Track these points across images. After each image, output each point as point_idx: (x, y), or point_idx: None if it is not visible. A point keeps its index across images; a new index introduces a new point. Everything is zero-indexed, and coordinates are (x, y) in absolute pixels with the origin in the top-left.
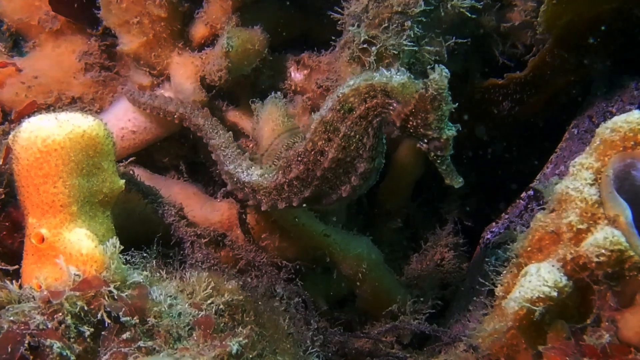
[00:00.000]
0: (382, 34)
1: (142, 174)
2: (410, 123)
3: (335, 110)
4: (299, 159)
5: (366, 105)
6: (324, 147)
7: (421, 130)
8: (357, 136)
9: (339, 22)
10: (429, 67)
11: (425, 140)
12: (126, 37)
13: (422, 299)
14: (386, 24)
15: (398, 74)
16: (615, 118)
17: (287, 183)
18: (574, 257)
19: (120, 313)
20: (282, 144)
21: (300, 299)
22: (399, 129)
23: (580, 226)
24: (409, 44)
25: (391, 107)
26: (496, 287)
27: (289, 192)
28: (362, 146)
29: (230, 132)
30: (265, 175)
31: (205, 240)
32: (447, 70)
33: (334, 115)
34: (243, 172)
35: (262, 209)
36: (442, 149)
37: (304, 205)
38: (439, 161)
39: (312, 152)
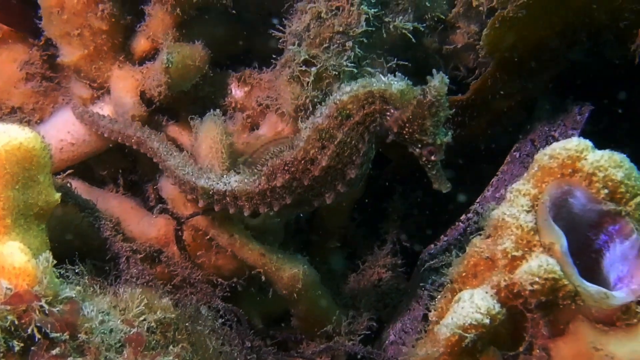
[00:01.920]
0: (322, 54)
1: (80, 187)
2: (407, 129)
3: (332, 118)
4: (286, 168)
5: (364, 112)
6: (317, 155)
7: (417, 135)
8: (353, 142)
9: (281, 40)
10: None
11: (419, 146)
12: (67, 49)
13: (358, 319)
14: (327, 44)
15: (396, 80)
16: (554, 145)
17: (270, 189)
18: (508, 284)
19: (50, 328)
20: (266, 152)
21: (234, 317)
22: (395, 135)
23: (515, 253)
24: (350, 64)
25: (388, 113)
26: (430, 311)
27: (271, 198)
28: (355, 152)
29: (185, 151)
30: (245, 181)
31: (141, 255)
32: (446, 76)
33: (330, 122)
34: (218, 182)
35: (245, 214)
36: (435, 154)
37: (284, 210)
38: (429, 166)
39: (303, 161)
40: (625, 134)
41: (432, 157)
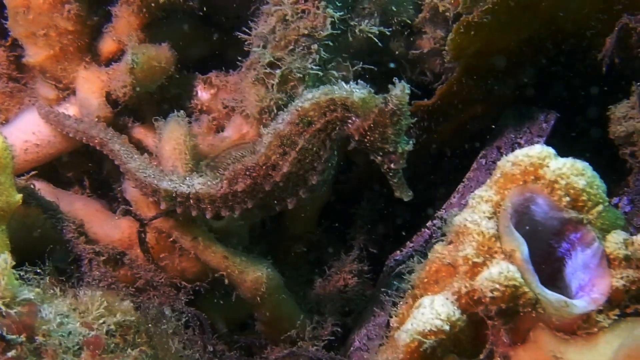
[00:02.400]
0: (287, 56)
1: (44, 188)
2: (368, 137)
3: (293, 124)
4: (247, 173)
5: (326, 119)
6: (278, 161)
7: (378, 144)
8: (315, 149)
9: (247, 43)
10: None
11: (381, 154)
12: (32, 49)
13: (322, 325)
14: (292, 47)
15: (358, 88)
16: (517, 151)
17: (232, 194)
18: (469, 290)
19: (7, 330)
20: (228, 156)
21: (197, 321)
22: (356, 142)
23: (476, 260)
24: (315, 67)
25: (350, 121)
26: (391, 317)
27: (233, 202)
28: (317, 159)
29: (145, 154)
30: (208, 184)
31: (104, 258)
32: (408, 86)
33: (292, 129)
34: (181, 184)
35: (207, 217)
36: (396, 163)
37: (246, 214)
38: (391, 174)
39: (264, 167)
40: (590, 143)
41: (393, 166)
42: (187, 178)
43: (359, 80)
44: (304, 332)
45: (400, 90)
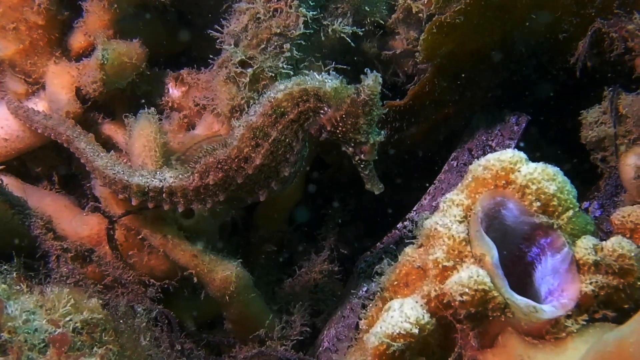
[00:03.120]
0: (259, 55)
1: (12, 183)
2: (340, 127)
3: (266, 116)
4: (219, 166)
5: (299, 109)
6: (251, 154)
7: (350, 134)
8: (287, 140)
9: (219, 41)
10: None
11: (352, 144)
12: (2, 43)
13: (291, 325)
14: (264, 45)
15: (330, 78)
16: (489, 156)
17: (204, 187)
18: (438, 294)
19: None
20: (199, 149)
21: (165, 319)
22: (328, 133)
23: (446, 263)
24: (287, 66)
25: (322, 111)
26: (361, 319)
27: (204, 195)
28: (289, 150)
29: (112, 151)
30: (180, 177)
31: (72, 254)
32: (380, 75)
33: (265, 120)
34: (153, 179)
35: (179, 210)
36: (367, 154)
37: (217, 206)
38: (362, 166)
39: (236, 160)
40: (561, 147)
41: (364, 157)
42: (158, 172)
43: (331, 71)
44: (272, 332)
45: (372, 80)
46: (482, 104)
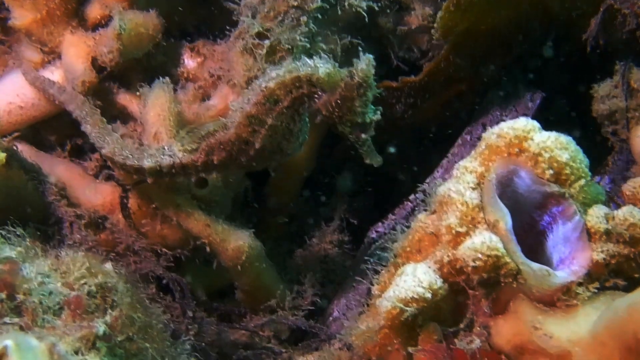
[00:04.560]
0: (276, 27)
1: (27, 151)
2: (336, 111)
3: (260, 104)
4: (222, 147)
5: (292, 96)
6: (249, 138)
7: (346, 116)
8: (284, 125)
9: (235, 12)
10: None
11: (349, 125)
12: (18, 12)
13: (302, 295)
14: (282, 18)
15: (322, 62)
16: (502, 124)
17: (210, 162)
18: (451, 260)
19: None
20: (204, 128)
21: (178, 287)
22: (323, 117)
23: (460, 229)
24: (303, 39)
25: (316, 96)
26: (373, 285)
27: (213, 168)
28: (288, 132)
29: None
30: (188, 149)
31: (85, 221)
32: (372, 57)
33: (258, 109)
34: (163, 156)
35: (193, 180)
36: (364, 132)
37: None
38: (359, 143)
39: (237, 142)
40: (574, 123)
41: (362, 136)
42: (166, 148)
43: (321, 54)
44: (283, 302)
45: (365, 63)
46: (496, 81)
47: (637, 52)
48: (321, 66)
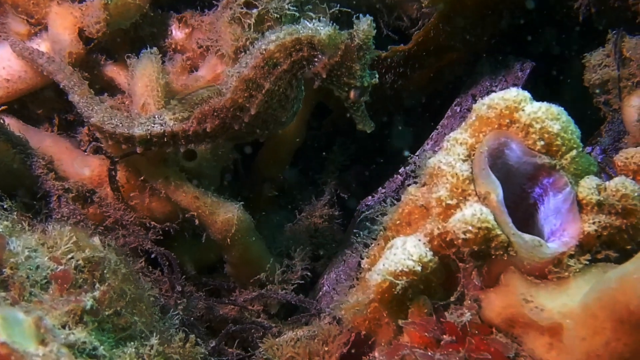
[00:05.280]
0: None
1: (13, 124)
2: (335, 73)
3: (258, 68)
4: (215, 114)
5: (292, 59)
6: (245, 104)
7: (344, 79)
8: (281, 90)
9: None
10: (354, 18)
11: (347, 89)
12: None
13: (292, 269)
14: None
15: (322, 25)
16: (493, 95)
17: (202, 131)
18: (441, 232)
19: None
20: (197, 95)
21: (166, 261)
22: (322, 80)
23: (450, 202)
24: (292, 8)
25: (316, 59)
26: (362, 259)
27: (204, 137)
28: (284, 99)
29: (106, 104)
30: (179, 118)
31: (73, 195)
32: (372, 18)
33: (257, 72)
34: (154, 125)
35: (181, 150)
36: (362, 96)
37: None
38: (354, 108)
39: (231, 109)
40: (565, 91)
41: (361, 99)
42: (156, 116)
43: (321, 17)
44: (273, 276)
45: (367, 24)
46: (486, 50)
47: (629, 22)
48: (322, 28)
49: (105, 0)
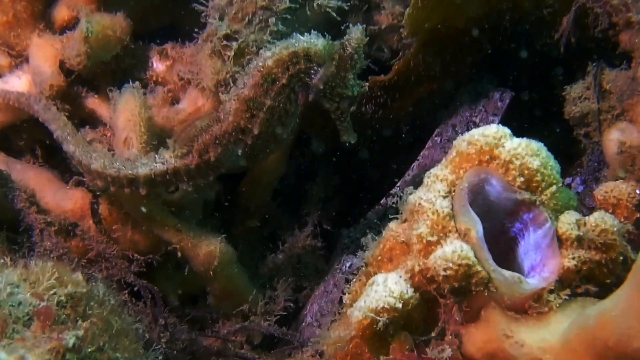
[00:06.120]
0: (245, 29)
1: None
2: (330, 84)
3: (257, 86)
4: (217, 142)
5: (289, 73)
6: (247, 125)
7: (338, 89)
8: (281, 105)
9: (204, 14)
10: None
11: (337, 99)
12: None
13: (275, 300)
14: (250, 19)
15: (315, 37)
16: (473, 131)
17: (204, 162)
18: (422, 269)
19: None
20: (193, 128)
21: (149, 294)
22: (317, 92)
23: (430, 238)
24: (272, 40)
25: (312, 71)
26: (344, 294)
27: (206, 169)
28: (284, 114)
29: (103, 149)
30: (179, 155)
31: (55, 228)
32: (365, 27)
33: (257, 90)
34: (155, 164)
35: (185, 187)
36: (351, 106)
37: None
38: (342, 119)
39: (233, 133)
40: (545, 123)
41: (348, 109)
42: (156, 156)
43: (312, 30)
44: (256, 307)
45: (359, 32)
46: (466, 79)
47: (610, 52)
48: (316, 40)
49: (86, 33)
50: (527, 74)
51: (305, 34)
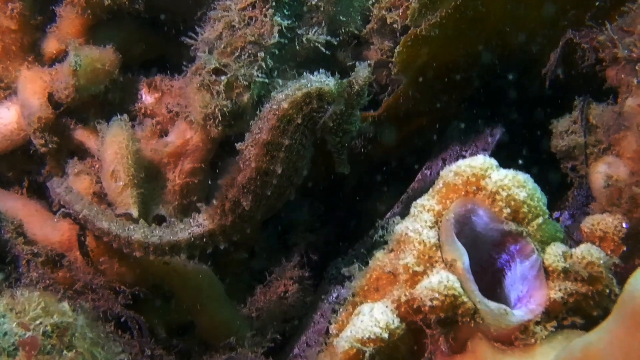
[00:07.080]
0: (234, 63)
1: None
2: (338, 121)
3: (274, 129)
4: (245, 190)
5: (303, 113)
6: (270, 167)
7: (345, 125)
8: (299, 141)
9: (193, 48)
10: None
11: (341, 134)
12: None
13: (262, 332)
14: (238, 53)
15: (325, 76)
16: (460, 162)
17: (239, 216)
18: (409, 299)
19: None
20: (218, 189)
21: (136, 325)
22: (325, 129)
23: (417, 268)
24: (261, 75)
25: (323, 110)
26: (331, 324)
27: (241, 222)
28: (302, 148)
29: (140, 223)
30: (213, 215)
31: (42, 259)
32: (371, 63)
33: (274, 133)
34: (191, 228)
35: (221, 247)
36: (352, 140)
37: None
38: (340, 151)
39: (258, 177)
40: (534, 157)
41: (348, 143)
42: (189, 220)
43: (320, 69)
44: (243, 339)
45: (366, 70)
46: (455, 115)
47: (596, 87)
48: (327, 79)
49: (74, 66)
50: (516, 108)
51: (315, 72)
